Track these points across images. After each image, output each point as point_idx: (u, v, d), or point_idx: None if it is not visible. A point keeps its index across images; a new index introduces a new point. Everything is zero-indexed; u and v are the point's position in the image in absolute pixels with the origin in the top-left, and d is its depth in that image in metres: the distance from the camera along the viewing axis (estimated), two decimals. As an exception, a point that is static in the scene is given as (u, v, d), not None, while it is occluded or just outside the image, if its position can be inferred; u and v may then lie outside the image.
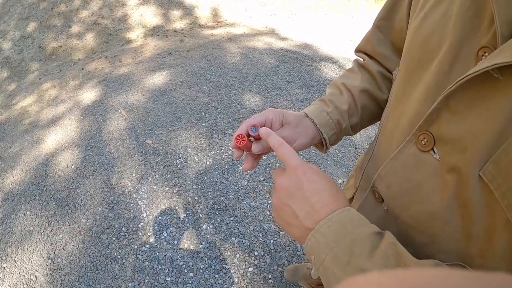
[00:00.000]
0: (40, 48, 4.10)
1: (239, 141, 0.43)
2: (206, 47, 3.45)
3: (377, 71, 0.53)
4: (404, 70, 0.40)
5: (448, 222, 0.33)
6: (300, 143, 0.47)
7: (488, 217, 0.30)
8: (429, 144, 0.33)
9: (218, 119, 2.35)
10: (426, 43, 0.35)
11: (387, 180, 0.40)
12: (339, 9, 4.73)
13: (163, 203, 1.79)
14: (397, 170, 0.38)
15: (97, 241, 1.65)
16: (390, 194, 0.39)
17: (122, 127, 2.37)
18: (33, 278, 1.54)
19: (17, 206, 1.93)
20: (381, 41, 0.51)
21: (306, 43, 3.45)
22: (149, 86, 2.82)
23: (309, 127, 0.49)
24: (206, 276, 1.46)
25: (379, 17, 0.50)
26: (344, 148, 2.10)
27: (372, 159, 0.48)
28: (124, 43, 4.06)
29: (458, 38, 0.31)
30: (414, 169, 0.36)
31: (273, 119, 0.46)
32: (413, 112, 0.37)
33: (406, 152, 0.36)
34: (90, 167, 2.08)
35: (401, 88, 0.41)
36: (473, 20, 0.30)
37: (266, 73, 2.84)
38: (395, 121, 0.41)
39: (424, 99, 0.35)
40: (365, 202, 0.46)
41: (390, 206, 0.40)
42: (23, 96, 3.30)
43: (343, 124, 0.51)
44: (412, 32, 0.39)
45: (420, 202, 0.35)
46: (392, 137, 0.41)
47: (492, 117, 0.28)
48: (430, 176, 0.34)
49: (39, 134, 2.50)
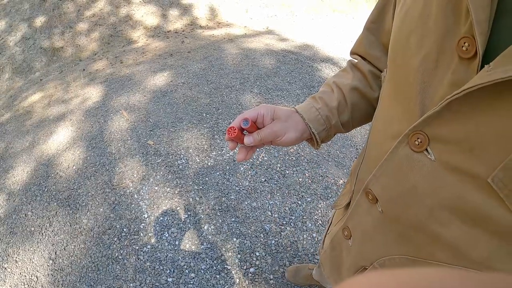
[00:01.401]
0: (41, 49, 4.11)
1: (230, 133, 0.46)
2: (207, 48, 3.46)
3: (368, 71, 0.54)
4: (390, 69, 0.40)
5: (446, 224, 0.33)
6: (290, 136, 0.49)
7: (490, 222, 0.29)
8: (423, 145, 0.33)
9: (219, 120, 2.35)
10: (408, 40, 0.35)
11: (381, 181, 0.39)
12: (339, 11, 4.74)
13: (164, 204, 1.79)
14: (391, 172, 0.37)
15: (99, 242, 1.65)
16: (386, 196, 0.39)
17: (123, 128, 2.38)
18: (34, 279, 1.54)
19: (18, 206, 1.93)
20: (372, 43, 0.52)
21: (307, 44, 3.46)
22: (150, 87, 2.83)
23: (299, 122, 0.50)
24: (208, 277, 1.46)
25: (370, 20, 0.51)
26: (345, 149, 2.10)
27: (364, 161, 0.49)
28: (126, 44, 4.08)
29: (440, 32, 0.31)
30: (407, 171, 0.35)
31: (264, 114, 0.49)
32: (402, 112, 0.36)
33: (398, 153, 0.36)
34: (91, 168, 2.08)
35: (389, 87, 0.41)
36: (453, 12, 0.30)
37: (267, 74, 2.85)
38: (385, 122, 0.41)
39: (412, 97, 0.35)
40: (359, 204, 0.46)
41: (386, 208, 0.40)
42: (25, 96, 3.31)
43: (332, 120, 0.52)
44: (394, 31, 0.39)
45: (416, 204, 0.35)
46: (383, 138, 0.41)
47: (501, 122, 0.26)
48: (425, 177, 0.33)
49: (40, 134, 2.50)
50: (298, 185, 1.85)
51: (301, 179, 1.89)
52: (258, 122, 0.49)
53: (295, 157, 2.03)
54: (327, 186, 1.85)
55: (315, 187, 1.84)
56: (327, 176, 1.91)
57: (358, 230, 0.47)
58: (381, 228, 0.42)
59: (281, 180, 1.88)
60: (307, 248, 1.55)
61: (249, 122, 0.46)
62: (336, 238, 0.56)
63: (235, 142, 0.48)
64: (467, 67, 0.29)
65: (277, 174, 1.92)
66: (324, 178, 1.89)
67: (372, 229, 0.43)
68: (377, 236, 0.43)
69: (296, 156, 2.04)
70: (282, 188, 1.84)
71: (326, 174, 1.92)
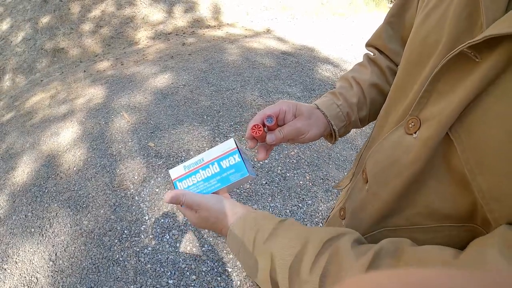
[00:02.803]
0: (43, 50, 4.11)
1: (255, 131, 0.44)
2: (208, 50, 3.47)
3: (386, 66, 0.54)
4: (404, 64, 0.41)
5: (421, 190, 0.35)
6: (313, 133, 0.48)
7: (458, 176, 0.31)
8: (415, 127, 0.35)
9: (220, 122, 2.36)
10: (425, 40, 0.36)
11: (373, 158, 0.41)
12: (340, 14, 4.77)
13: (165, 206, 1.79)
14: (382, 149, 0.39)
15: (99, 243, 1.64)
16: (372, 172, 0.41)
17: (124, 130, 2.38)
18: (34, 280, 1.54)
19: (18, 207, 1.93)
20: (391, 37, 0.53)
21: (307, 47, 3.48)
22: (151, 89, 2.84)
23: (320, 119, 0.50)
24: (209, 279, 1.46)
25: (390, 14, 0.52)
26: (345, 151, 2.11)
27: (368, 145, 0.49)
28: (127, 46, 4.09)
29: (452, 36, 0.32)
30: (394, 148, 0.37)
31: (286, 110, 0.47)
32: (408, 102, 0.38)
33: (394, 134, 0.38)
34: (92, 169, 2.08)
35: (400, 80, 0.42)
36: (467, 20, 0.31)
37: (267, 77, 2.86)
38: (391, 111, 0.42)
39: (419, 91, 0.36)
40: (355, 184, 0.47)
41: (371, 184, 0.41)
42: (26, 98, 3.31)
43: (352, 117, 0.52)
44: (415, 29, 0.40)
45: (395, 177, 0.37)
46: (386, 125, 0.43)
47: (467, 95, 0.28)
48: (405, 152, 0.35)
49: (41, 135, 2.50)
50: (299, 187, 1.86)
51: (301, 181, 1.90)
52: (280, 118, 0.48)
53: (296, 160, 2.04)
54: (327, 189, 1.85)
55: (316, 189, 1.85)
56: (327, 179, 1.91)
57: (350, 209, 0.48)
58: (365, 205, 0.43)
59: (282, 183, 1.89)
60: (308, 250, 1.55)
61: (274, 119, 0.44)
62: (332, 219, 0.56)
63: (255, 140, 0.47)
64: None
65: (278, 177, 1.93)
66: (325, 181, 1.90)
67: (359, 207, 0.44)
68: (361, 214, 0.43)
69: (296, 159, 2.04)
70: (283, 190, 1.84)
71: (327, 177, 1.92)
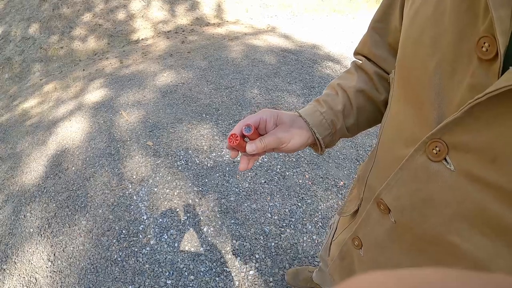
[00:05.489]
0: (41, 49, 4.10)
1: (232, 141, 0.43)
2: (207, 48, 3.45)
3: (373, 72, 0.52)
4: (400, 71, 0.38)
5: (465, 236, 0.31)
6: (295, 142, 0.47)
7: None
8: (442, 154, 0.30)
9: (219, 120, 2.34)
10: (419, 41, 0.33)
11: (394, 192, 0.38)
12: (340, 11, 4.73)
13: (163, 205, 1.79)
14: (405, 182, 0.36)
15: (97, 243, 1.64)
16: (399, 207, 0.37)
17: (122, 129, 2.37)
18: (33, 280, 1.53)
19: (17, 207, 1.92)
20: (377, 43, 0.50)
21: (307, 44, 3.45)
22: (150, 87, 2.82)
23: (303, 127, 0.48)
24: (207, 279, 1.45)
25: (375, 19, 0.49)
26: (345, 150, 2.09)
27: (374, 167, 0.47)
28: (125, 45, 4.07)
29: (456, 33, 0.29)
30: (423, 181, 0.33)
31: (267, 119, 0.46)
32: (414, 116, 0.35)
33: (414, 162, 0.34)
34: (90, 169, 2.07)
35: (399, 90, 0.39)
36: (469, 12, 0.28)
37: (267, 75, 2.84)
38: (396, 128, 0.40)
39: (426, 101, 0.33)
40: (369, 214, 0.44)
41: (399, 218, 0.38)
42: (24, 97, 3.30)
43: (337, 125, 0.50)
44: (404, 30, 0.37)
45: (433, 215, 0.33)
46: (394, 145, 0.39)
47: None
48: (443, 188, 0.31)
49: (39, 135, 2.49)
50: (298, 186, 1.85)
51: (301, 180, 1.88)
52: (260, 127, 0.47)
53: (295, 158, 2.02)
54: (327, 188, 1.84)
55: (315, 188, 1.83)
56: (327, 178, 1.90)
57: (369, 240, 0.45)
58: (393, 238, 0.40)
59: (281, 182, 1.88)
60: (307, 250, 1.54)
61: (252, 129, 0.44)
62: (345, 248, 0.54)
63: (236, 150, 0.46)
64: (488, 70, 0.27)
65: (277, 176, 1.91)
66: (325, 180, 1.89)
67: (384, 240, 0.42)
68: (390, 246, 0.41)
69: (296, 157, 2.03)
70: (282, 189, 1.83)
71: (327, 176, 1.91)
